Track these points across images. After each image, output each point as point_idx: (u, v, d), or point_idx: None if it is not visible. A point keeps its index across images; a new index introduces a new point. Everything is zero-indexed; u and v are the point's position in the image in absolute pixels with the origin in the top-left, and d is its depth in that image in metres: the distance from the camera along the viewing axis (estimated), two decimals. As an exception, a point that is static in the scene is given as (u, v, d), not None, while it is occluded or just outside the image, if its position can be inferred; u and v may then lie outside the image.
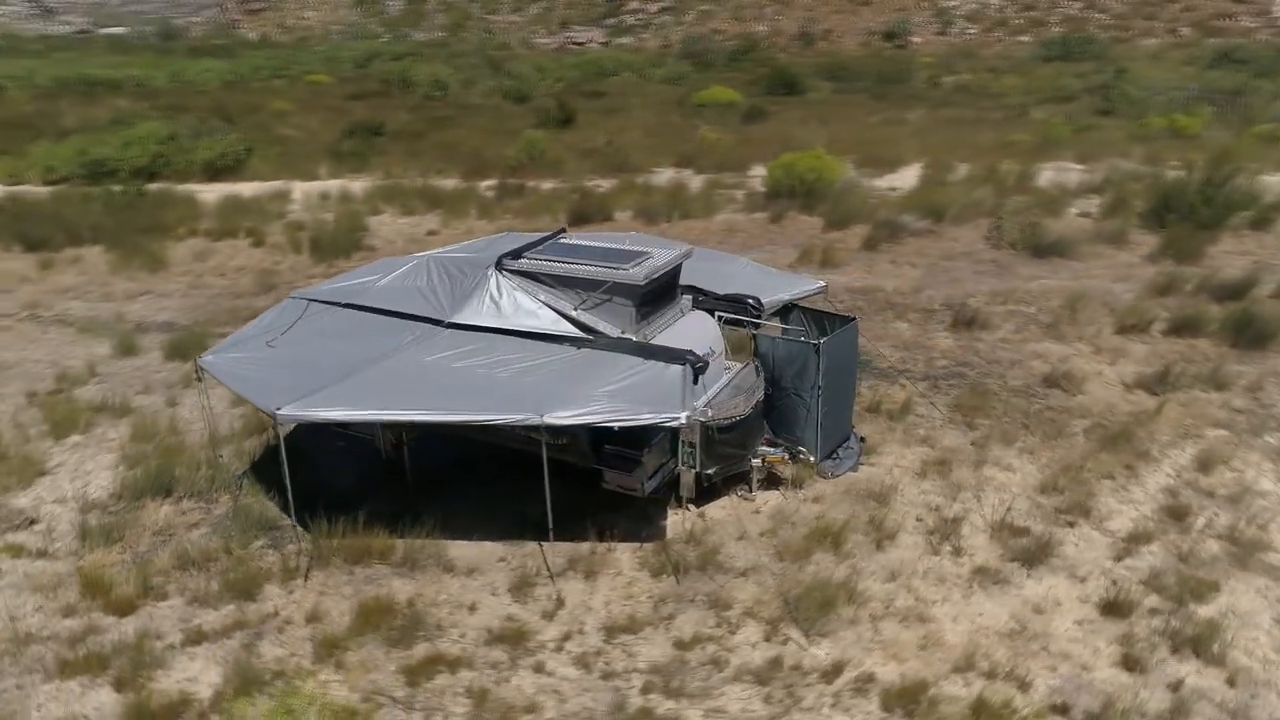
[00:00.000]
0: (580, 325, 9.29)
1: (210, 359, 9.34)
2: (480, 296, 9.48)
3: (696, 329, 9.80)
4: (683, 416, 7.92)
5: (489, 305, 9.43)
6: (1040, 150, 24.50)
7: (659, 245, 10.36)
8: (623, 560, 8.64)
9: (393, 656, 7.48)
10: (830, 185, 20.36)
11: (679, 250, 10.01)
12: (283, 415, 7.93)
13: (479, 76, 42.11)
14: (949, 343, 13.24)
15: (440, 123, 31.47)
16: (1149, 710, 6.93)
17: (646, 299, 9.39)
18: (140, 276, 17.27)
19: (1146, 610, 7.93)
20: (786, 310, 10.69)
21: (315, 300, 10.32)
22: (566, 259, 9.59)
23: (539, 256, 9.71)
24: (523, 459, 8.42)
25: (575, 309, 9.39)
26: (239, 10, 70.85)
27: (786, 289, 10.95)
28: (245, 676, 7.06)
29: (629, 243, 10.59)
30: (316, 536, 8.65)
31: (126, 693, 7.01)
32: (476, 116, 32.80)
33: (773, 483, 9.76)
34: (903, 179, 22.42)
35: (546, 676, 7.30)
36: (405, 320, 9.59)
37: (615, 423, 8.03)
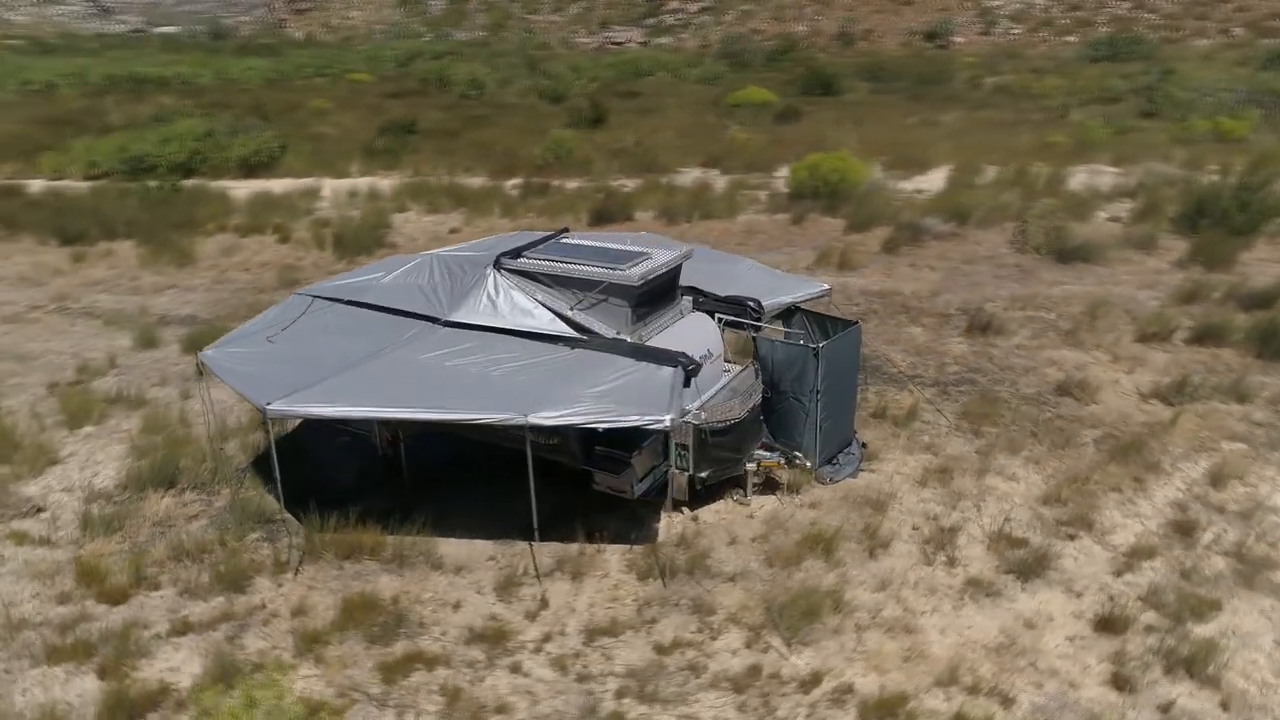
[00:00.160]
0: (576, 325, 9.27)
1: (210, 353, 9.44)
2: (478, 295, 9.49)
3: (695, 331, 9.72)
4: (668, 419, 7.85)
5: (486, 304, 9.44)
6: (1076, 153, 24.02)
7: (661, 246, 10.29)
8: (611, 562, 8.60)
9: (372, 653, 7.50)
10: (855, 187, 20.13)
11: (678, 251, 9.94)
12: (272, 410, 8.01)
13: (516, 76, 42.34)
14: (962, 348, 12.99)
15: (474, 121, 31.72)
16: (1135, 731, 6.72)
17: (643, 300, 9.33)
18: (168, 271, 17.59)
19: (1142, 627, 7.70)
20: (789, 313, 10.57)
21: (319, 297, 10.42)
22: (564, 259, 9.57)
23: (537, 256, 9.70)
24: (518, 459, 8.42)
25: (571, 309, 9.37)
26: (286, 10, 72.15)
27: (789, 291, 10.82)
28: (224, 668, 7.14)
29: (633, 243, 10.54)
30: (309, 531, 8.73)
31: (109, 681, 7.12)
32: (511, 115, 32.98)
33: (770, 487, 9.66)
34: (930, 181, 22.10)
35: (522, 677, 7.28)
36: (405, 318, 9.63)
37: (600, 424, 8.01)
